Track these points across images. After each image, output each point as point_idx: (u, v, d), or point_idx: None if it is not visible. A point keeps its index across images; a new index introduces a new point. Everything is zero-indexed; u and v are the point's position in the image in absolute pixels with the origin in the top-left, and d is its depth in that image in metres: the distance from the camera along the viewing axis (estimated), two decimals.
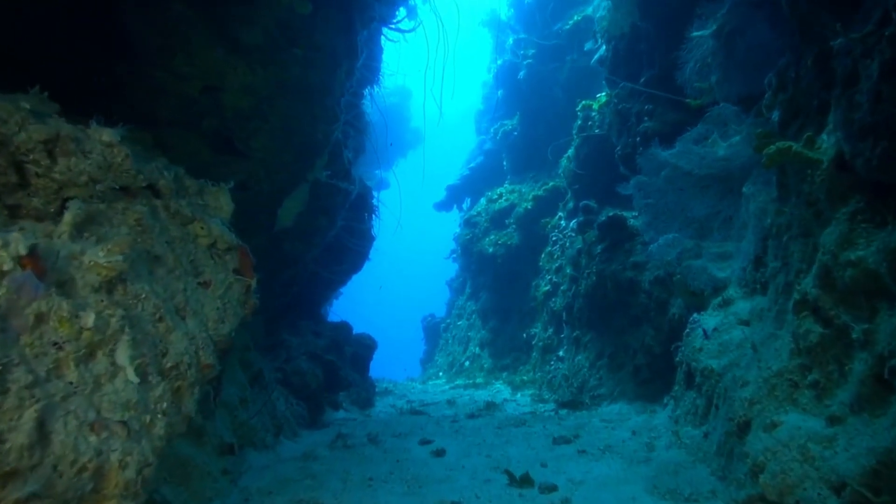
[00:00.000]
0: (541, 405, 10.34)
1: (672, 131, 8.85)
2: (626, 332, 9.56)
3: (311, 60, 6.14)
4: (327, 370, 9.32)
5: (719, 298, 6.35)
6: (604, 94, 12.62)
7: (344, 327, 11.33)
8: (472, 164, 21.93)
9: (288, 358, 9.14)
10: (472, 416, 8.65)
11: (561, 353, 12.36)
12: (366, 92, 14.26)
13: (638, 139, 9.31)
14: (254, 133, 5.98)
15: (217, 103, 5.78)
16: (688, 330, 6.33)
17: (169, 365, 2.73)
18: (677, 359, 6.50)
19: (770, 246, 5.17)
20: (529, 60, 17.31)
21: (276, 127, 6.05)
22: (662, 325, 8.62)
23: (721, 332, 5.72)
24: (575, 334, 11.30)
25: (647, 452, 5.58)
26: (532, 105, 17.84)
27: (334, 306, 26.91)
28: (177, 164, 5.26)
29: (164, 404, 2.57)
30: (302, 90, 6.11)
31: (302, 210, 6.73)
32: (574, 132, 13.32)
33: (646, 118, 9.22)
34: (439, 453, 5.92)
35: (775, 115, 4.90)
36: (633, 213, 10.69)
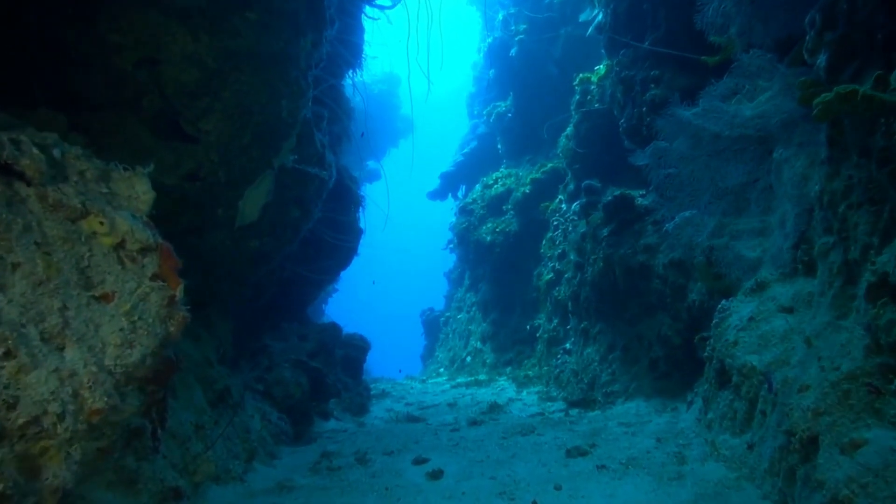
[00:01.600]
0: (549, 404, 9.53)
1: (683, 97, 7.99)
2: (640, 321, 8.73)
3: (268, 27, 5.27)
4: (313, 378, 8.50)
5: (751, 282, 5.51)
6: (603, 64, 11.74)
7: (333, 328, 10.50)
8: (465, 150, 21.05)
9: (270, 366, 8.31)
10: (474, 422, 7.84)
11: (568, 346, 11.54)
12: (348, 75, 13.46)
13: (644, 109, 8.45)
14: (204, 113, 5.12)
15: (156, 79, 4.92)
16: (716, 319, 5.50)
17: (21, 422, 1.90)
18: (706, 353, 5.67)
19: (818, 218, 4.32)
20: (521, 36, 16.39)
21: (231, 105, 5.19)
22: (680, 312, 7.79)
23: (758, 321, 4.88)
24: (583, 325, 10.47)
25: (678, 466, 4.76)
26: (526, 84, 16.93)
27: (330, 304, 26.18)
28: (112, 152, 4.40)
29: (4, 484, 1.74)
30: (258, 61, 5.24)
31: (269, 201, 5.88)
32: (572, 108, 12.44)
33: (652, 85, 8.36)
34: (436, 475, 5.10)
35: (821, 60, 4.05)
36: (641, 192, 9.85)
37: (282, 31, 5.33)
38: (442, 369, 18.90)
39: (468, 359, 17.11)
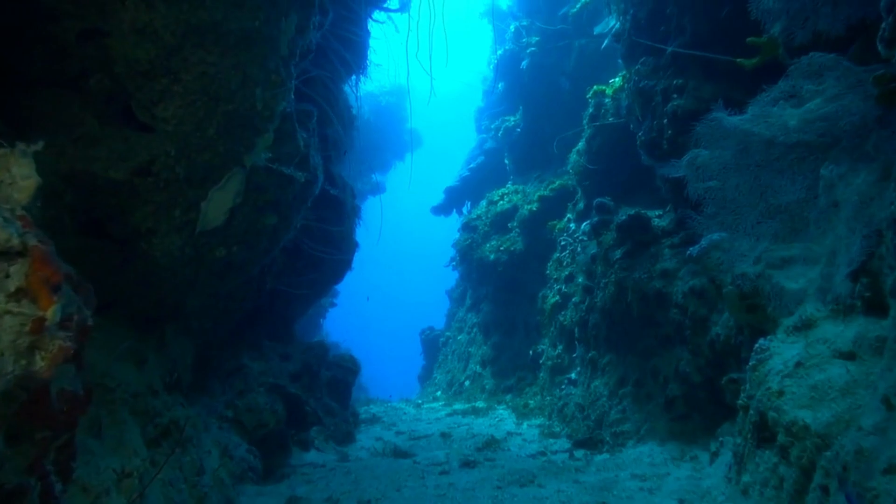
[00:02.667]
0: (551, 441, 8.67)
1: (707, 109, 7.23)
2: (655, 354, 7.90)
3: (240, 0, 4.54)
4: (291, 404, 7.68)
5: (794, 318, 4.70)
6: (619, 76, 11.03)
7: (319, 348, 9.69)
8: (472, 165, 20.34)
9: (243, 390, 7.51)
10: (466, 462, 6.99)
11: (573, 376, 10.70)
12: (350, 80, 12.81)
13: (666, 121, 7.69)
14: (160, 97, 4.37)
15: (104, 54, 4.18)
16: (753, 361, 4.68)
17: None
18: (739, 401, 4.84)
19: (890, 245, 3.53)
20: (533, 48, 15.72)
21: (193, 89, 4.44)
22: (701, 347, 6.97)
23: (809, 367, 4.07)
24: (590, 355, 9.63)
25: None
26: (536, 98, 16.23)
27: (328, 319, 25.34)
28: (45, 137, 3.64)
29: None
30: (228, 41, 4.50)
31: (238, 205, 5.11)
32: (585, 122, 11.71)
33: (675, 95, 7.60)
34: None
35: None
36: (657, 212, 9.08)
37: (257, 6, 4.59)
38: (439, 392, 18.03)
39: (466, 383, 16.25)
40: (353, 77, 12.63)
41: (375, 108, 26.47)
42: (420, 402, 15.94)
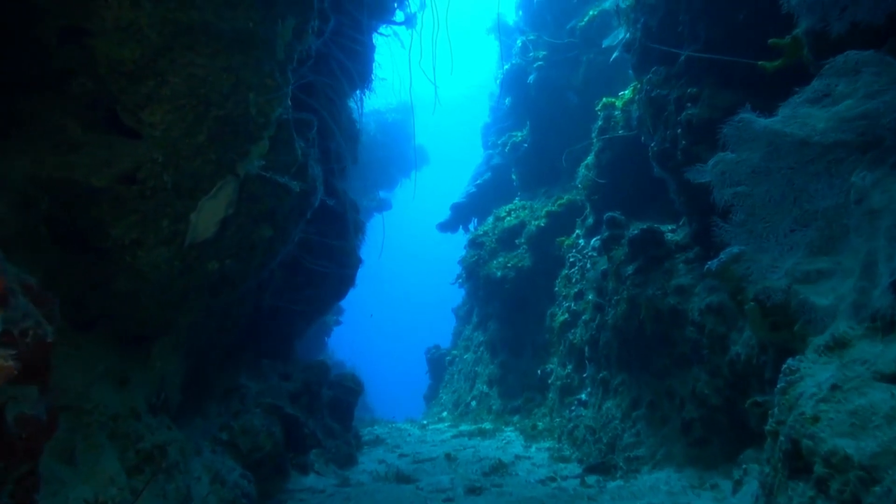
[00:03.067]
0: (561, 466, 8.30)
1: (724, 118, 6.95)
2: (670, 374, 7.54)
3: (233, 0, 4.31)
4: (289, 426, 7.35)
5: (826, 337, 4.35)
6: (629, 88, 10.77)
7: (320, 367, 9.37)
8: (478, 181, 20.09)
9: (239, 411, 7.19)
10: (472, 489, 6.64)
11: (583, 397, 10.32)
12: (355, 94, 12.64)
13: (679, 131, 7.40)
14: (146, 100, 4.12)
15: (87, 54, 3.94)
16: (783, 383, 4.33)
17: None
18: (767, 426, 4.48)
19: None
20: (540, 63, 15.53)
21: (182, 93, 4.20)
22: (720, 367, 6.61)
23: (847, 391, 3.72)
24: (601, 375, 9.27)
25: None
26: (543, 112, 16.01)
27: (333, 337, 25.00)
28: (26, 144, 3.43)
29: None
30: (219, 43, 4.26)
31: (230, 216, 4.84)
32: (594, 135, 11.44)
33: (689, 104, 7.32)
34: None
35: None
36: (670, 227, 8.77)
37: (251, 6, 4.35)
38: (445, 413, 17.64)
39: (473, 403, 15.86)
40: (358, 91, 12.48)
41: (381, 124, 26.38)
42: (425, 422, 15.54)
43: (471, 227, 20.53)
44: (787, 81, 4.70)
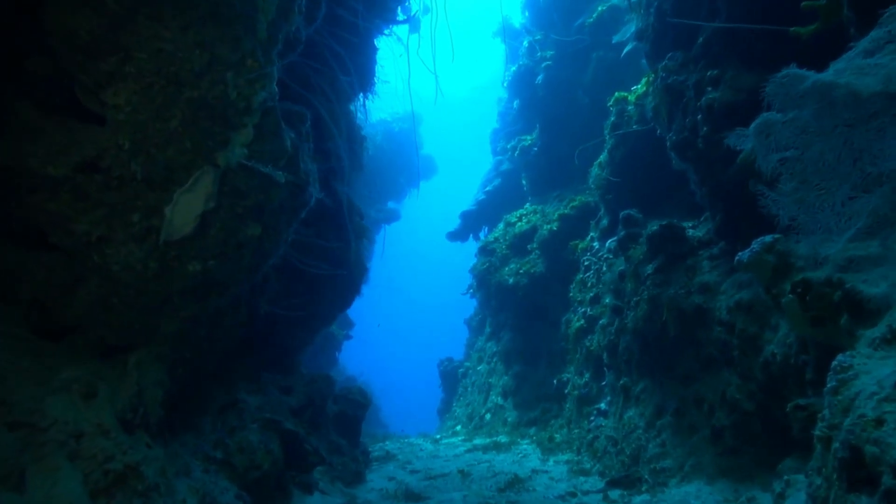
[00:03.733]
0: (582, 480, 7.75)
1: (748, 101, 6.46)
2: (697, 379, 7.00)
3: None
4: (289, 442, 6.87)
5: (881, 329, 3.84)
6: (642, 82, 10.31)
7: (324, 380, 8.89)
8: (488, 188, 19.63)
9: (235, 427, 6.72)
10: None
11: (603, 406, 9.77)
12: (357, 98, 12.28)
13: (700, 117, 6.91)
14: (109, 79, 3.70)
15: (37, 27, 3.53)
16: (833, 383, 3.80)
17: None
18: (817, 431, 3.95)
19: None
20: (548, 62, 15.11)
21: (148, 70, 3.77)
22: (752, 369, 6.07)
23: None
24: (622, 382, 8.73)
25: None
26: (553, 114, 15.56)
27: (344, 351, 24.51)
28: None
29: None
30: (190, 14, 3.84)
31: (210, 210, 4.40)
32: (606, 132, 10.97)
33: (709, 88, 6.83)
34: None
35: None
36: (691, 223, 8.26)
37: None
38: (459, 426, 17.08)
39: (487, 416, 15.30)
40: (360, 95, 12.11)
41: (388, 134, 26.03)
42: (438, 437, 15.00)
43: (481, 235, 20.07)
44: (818, 56, 4.21)
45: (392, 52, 12.27)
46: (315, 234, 7.73)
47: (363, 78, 11.34)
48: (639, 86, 10.50)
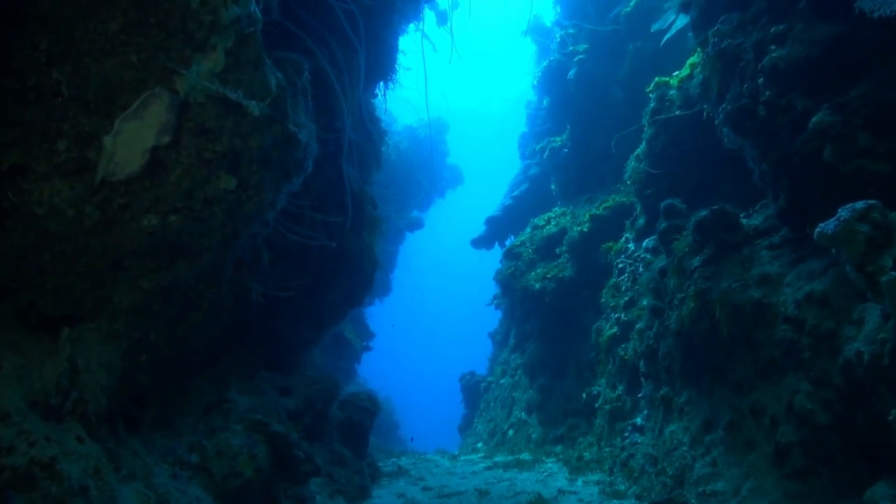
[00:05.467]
0: (615, 503, 6.70)
1: (824, 55, 5.49)
2: (755, 386, 5.95)
3: None
4: (278, 447, 5.96)
5: None
6: (686, 65, 9.35)
7: (327, 382, 8.00)
8: (515, 193, 18.71)
9: (216, 428, 5.85)
10: None
11: (639, 421, 8.71)
12: (377, 87, 11.63)
13: (761, 80, 5.94)
14: None
15: None
16: None
17: None
18: None
19: None
20: (581, 56, 14.22)
21: None
22: (829, 373, 5.02)
23: None
24: (662, 393, 7.68)
25: None
26: (585, 112, 14.63)
27: (364, 364, 23.56)
28: None
29: None
30: None
31: (165, 146, 3.57)
32: (645, 120, 10.00)
33: (772, 46, 5.86)
34: None
35: None
36: (743, 213, 7.25)
37: None
38: (480, 444, 16.03)
39: (510, 432, 14.24)
40: (382, 84, 11.38)
41: (414, 140, 25.29)
42: (457, 453, 13.96)
43: (507, 242, 19.11)
44: None
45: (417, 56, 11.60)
46: (321, 222, 6.91)
47: (380, 61, 10.61)
48: (681, 70, 9.54)
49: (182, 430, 5.92)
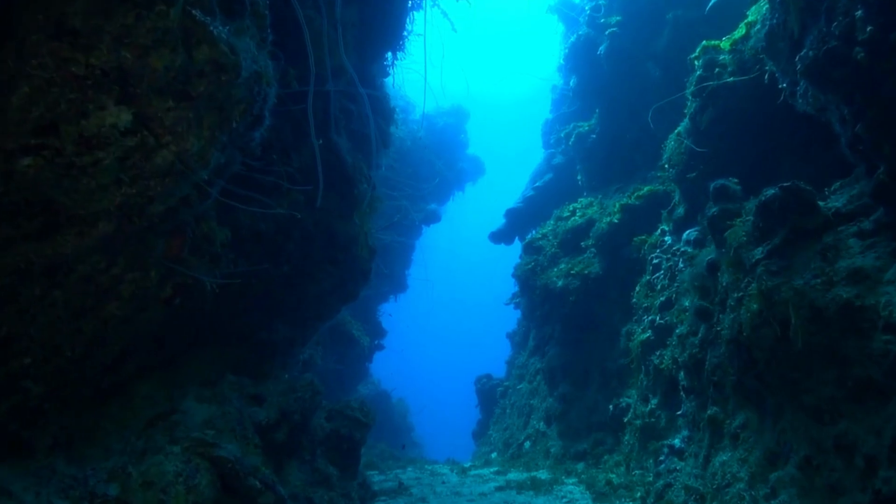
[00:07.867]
0: None
1: None
2: (841, 414, 4.58)
3: None
4: (226, 476, 4.73)
5: None
6: (741, 26, 7.94)
7: (308, 389, 6.75)
8: (537, 183, 17.34)
9: (148, 449, 4.64)
10: None
11: (677, 443, 7.35)
12: (385, 56, 10.46)
13: (859, 13, 4.55)
14: None
15: None
16: None
17: None
18: None
19: None
20: (613, 29, 12.81)
21: None
22: None
23: None
24: (710, 413, 6.32)
25: None
26: (616, 92, 13.24)
27: (376, 363, 22.28)
28: None
29: None
30: None
31: None
32: (689, 91, 8.61)
33: None
34: None
35: None
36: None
37: None
38: (494, 454, 14.74)
39: (527, 444, 12.93)
40: (390, 54, 10.17)
41: (432, 130, 23.98)
42: (468, 465, 12.66)
43: (528, 237, 17.76)
44: None
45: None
46: (318, 209, 5.68)
47: (387, 26, 9.42)
48: (735, 31, 8.14)
49: (114, 449, 4.73)
